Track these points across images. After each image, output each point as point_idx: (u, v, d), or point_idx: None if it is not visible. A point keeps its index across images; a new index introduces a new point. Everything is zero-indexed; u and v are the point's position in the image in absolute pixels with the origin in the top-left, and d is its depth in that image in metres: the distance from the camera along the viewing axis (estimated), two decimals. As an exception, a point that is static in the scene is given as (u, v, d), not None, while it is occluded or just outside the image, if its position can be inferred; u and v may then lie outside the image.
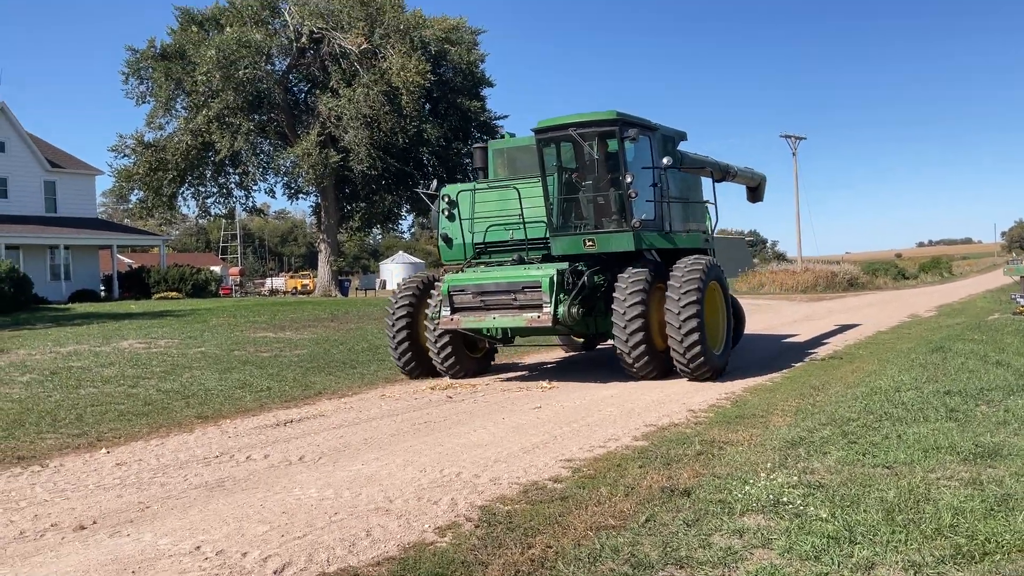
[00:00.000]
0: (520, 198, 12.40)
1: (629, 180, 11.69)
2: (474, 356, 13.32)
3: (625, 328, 11.51)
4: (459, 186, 13.62)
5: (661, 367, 11.88)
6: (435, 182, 13.95)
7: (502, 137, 15.37)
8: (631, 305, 11.48)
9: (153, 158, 39.01)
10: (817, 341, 17.45)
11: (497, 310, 11.73)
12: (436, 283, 12.99)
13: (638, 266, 11.97)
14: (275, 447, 8.17)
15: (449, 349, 12.72)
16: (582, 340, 15.92)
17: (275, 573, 4.71)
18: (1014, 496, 5.55)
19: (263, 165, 41.67)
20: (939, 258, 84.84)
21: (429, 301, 12.75)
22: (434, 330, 12.54)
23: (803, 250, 51.76)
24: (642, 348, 11.54)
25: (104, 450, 8.31)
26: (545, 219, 12.31)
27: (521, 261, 12.43)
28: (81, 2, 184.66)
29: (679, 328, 11.42)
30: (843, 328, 20.38)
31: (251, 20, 38.09)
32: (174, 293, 38.40)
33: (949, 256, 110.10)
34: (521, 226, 12.52)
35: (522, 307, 11.57)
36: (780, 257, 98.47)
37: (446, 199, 13.26)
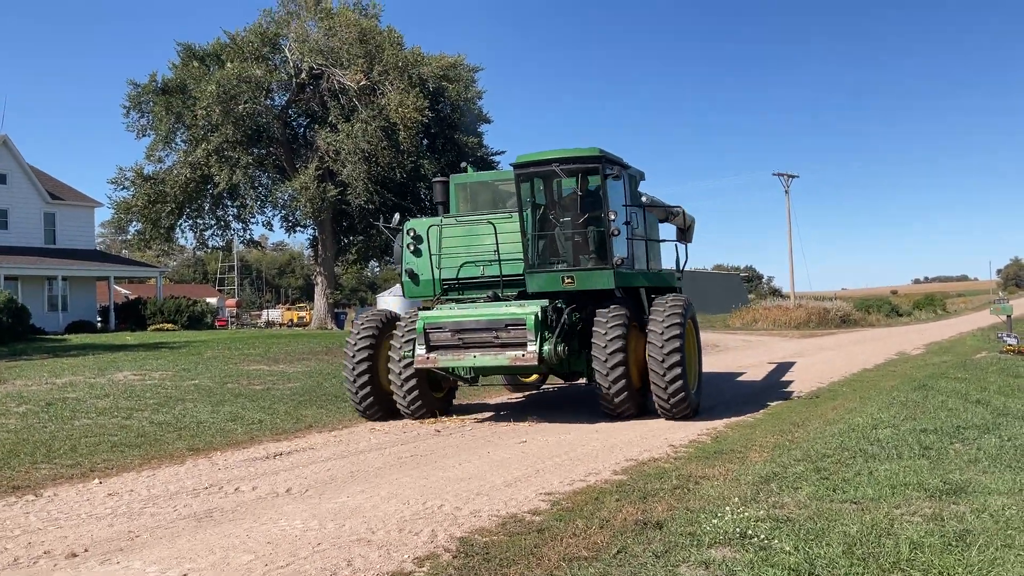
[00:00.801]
0: (496, 233, 12.25)
1: (612, 218, 11.74)
2: (437, 396, 12.88)
3: (607, 365, 11.39)
4: (425, 220, 13.30)
5: (637, 405, 11.90)
6: (396, 215, 13.52)
7: (464, 171, 15.36)
8: (613, 343, 11.39)
9: (152, 190, 39.37)
10: (802, 378, 17.67)
11: (477, 348, 11.42)
12: (397, 321, 12.80)
13: (616, 304, 11.94)
14: (263, 479, 8.37)
15: (416, 390, 12.21)
16: (530, 379, 15.84)
17: (258, 600, 4.91)
18: (972, 531, 5.77)
19: (261, 198, 42.06)
20: (933, 295, 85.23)
21: (392, 342, 12.35)
22: (401, 370, 12.13)
23: (799, 286, 52.16)
24: (623, 385, 11.46)
25: (97, 480, 8.50)
26: (520, 255, 12.21)
27: (496, 298, 12.26)
28: (85, 36, 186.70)
29: (663, 368, 11.37)
30: (830, 365, 20.61)
31: (252, 56, 38.67)
32: (170, 325, 38.59)
33: (945, 293, 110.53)
34: (495, 262, 12.36)
35: (504, 345, 11.32)
36: (776, 293, 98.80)
37: (411, 233, 12.96)
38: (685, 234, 17.00)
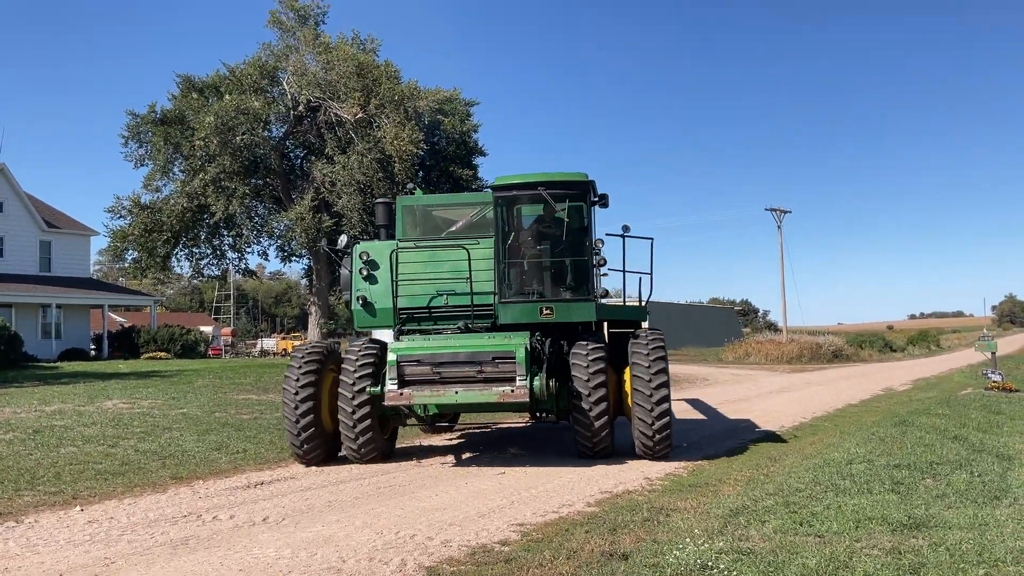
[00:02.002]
0: (470, 259, 11.45)
1: (599, 247, 11.49)
2: (384, 437, 11.67)
3: (590, 399, 10.78)
4: (379, 243, 12.37)
5: (613, 444, 11.38)
6: (343, 237, 12.58)
7: (411, 193, 14.53)
8: (595, 376, 10.83)
9: (149, 219, 39.62)
10: (787, 412, 17.81)
11: (459, 384, 10.43)
12: (342, 353, 11.83)
13: (593, 338, 11.35)
14: (242, 508, 8.48)
15: (371, 431, 11.06)
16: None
17: (225, 625, 5.03)
18: (926, 564, 5.92)
19: (257, 228, 42.34)
20: (927, 331, 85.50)
21: (343, 377, 11.10)
22: (355, 409, 10.93)
23: (793, 320, 52.38)
24: (605, 421, 10.92)
25: (78, 508, 8.60)
26: (490, 284, 11.59)
27: (468, 329, 11.52)
28: (84, 65, 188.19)
29: (650, 403, 10.77)
30: (815, 400, 20.75)
31: (250, 88, 39.11)
32: (163, 353, 38.67)
33: (939, 329, 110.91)
34: (461, 293, 11.64)
35: (488, 380, 10.41)
36: (771, 327, 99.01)
37: (364, 257, 12.09)
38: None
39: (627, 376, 11.30)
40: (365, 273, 12.07)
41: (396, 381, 10.53)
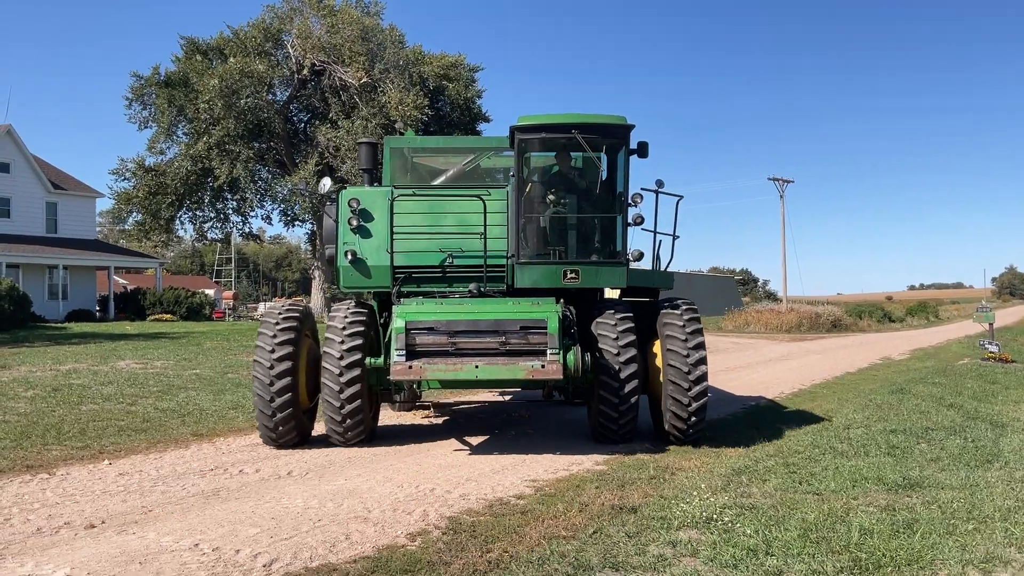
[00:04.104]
0: (485, 212, 9.93)
1: (637, 201, 10.00)
2: (370, 415, 9.98)
3: (620, 376, 9.34)
4: (372, 190, 10.58)
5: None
6: (326, 180, 11.04)
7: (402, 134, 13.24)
8: (626, 351, 9.43)
9: (153, 182, 39.85)
10: (786, 379, 18.18)
11: (479, 357, 8.94)
12: (313, 318, 10.51)
13: (618, 307, 9.94)
14: (265, 463, 8.85)
15: (361, 411, 9.47)
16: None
17: (264, 567, 5.40)
18: (919, 520, 6.29)
19: (261, 192, 42.53)
20: (927, 302, 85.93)
21: (326, 348, 9.51)
22: (342, 387, 9.31)
23: (793, 290, 52.69)
24: (635, 402, 9.56)
25: (107, 462, 8.97)
26: (504, 242, 10.14)
27: (482, 293, 9.99)
28: (90, 26, 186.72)
29: (687, 382, 9.43)
30: (814, 368, 21.13)
31: (254, 51, 39.11)
32: (168, 316, 39.04)
33: (939, 300, 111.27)
34: (474, 249, 10.08)
35: (514, 353, 8.96)
36: (771, 296, 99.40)
37: (353, 204, 10.19)
38: None
39: (656, 350, 10.03)
40: (355, 224, 10.22)
41: (404, 352, 8.96)
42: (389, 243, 10.09)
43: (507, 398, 10.03)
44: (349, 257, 10.18)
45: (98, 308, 41.98)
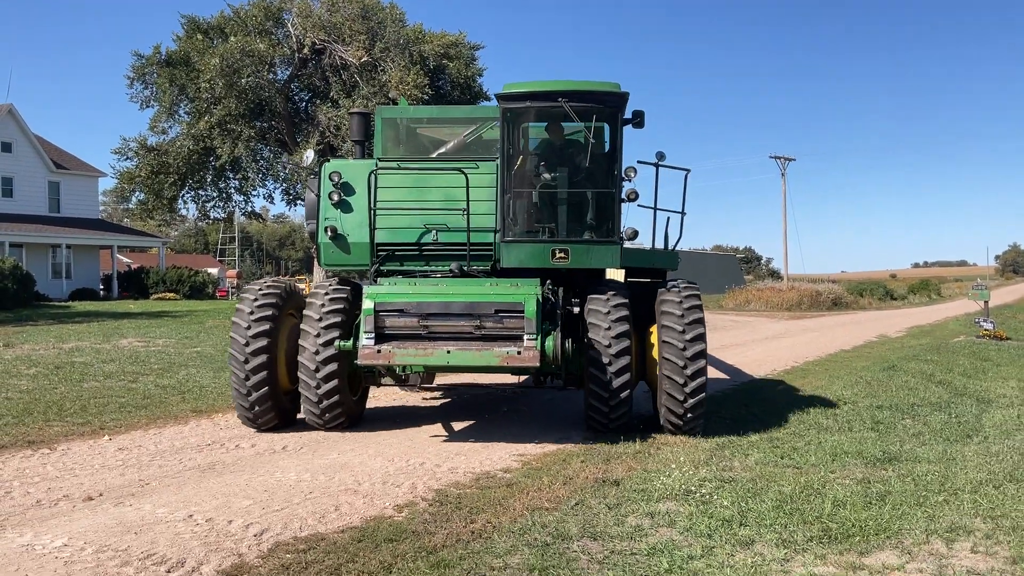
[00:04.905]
0: (468, 187, 9.32)
1: (630, 177, 9.32)
2: (353, 398, 9.65)
3: (612, 366, 8.67)
4: (353, 162, 10.22)
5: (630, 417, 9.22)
6: (309, 152, 10.75)
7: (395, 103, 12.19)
8: (619, 338, 8.74)
9: (155, 161, 39.91)
10: (780, 356, 18.35)
11: (451, 341, 8.46)
12: (296, 295, 9.92)
13: (613, 289, 9.28)
14: (261, 438, 9.06)
15: (338, 393, 9.07)
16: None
17: (255, 536, 5.61)
18: (892, 492, 6.48)
19: (263, 171, 42.62)
20: (929, 280, 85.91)
21: (304, 326, 9.10)
22: (319, 365, 8.91)
23: (797, 268, 52.77)
24: (627, 393, 8.83)
25: (107, 437, 9.18)
26: (490, 219, 9.52)
27: (463, 273, 9.48)
28: (90, 4, 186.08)
29: (683, 372, 8.65)
30: (809, 346, 21.30)
31: (255, 30, 39.03)
32: (172, 294, 39.31)
33: (941, 278, 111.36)
34: (460, 226, 9.49)
35: (488, 338, 8.46)
36: (774, 274, 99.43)
37: (335, 178, 9.76)
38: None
39: (654, 334, 9.34)
40: (336, 198, 9.81)
41: (373, 335, 8.51)
42: (370, 219, 9.58)
43: (520, 378, 9.91)
44: (329, 233, 9.75)
45: (101, 287, 42.25)
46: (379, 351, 8.40)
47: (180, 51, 39.67)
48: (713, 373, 15.60)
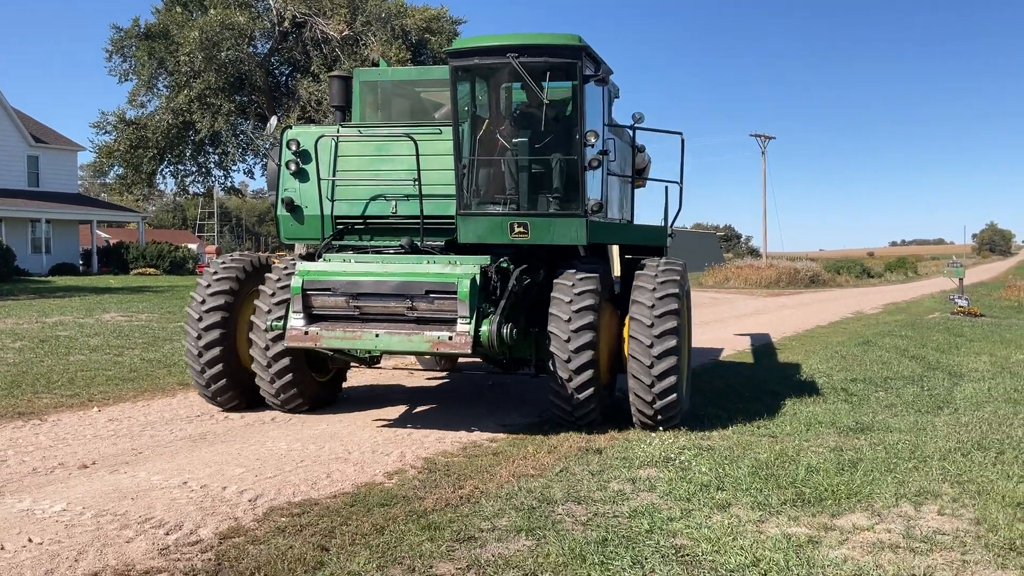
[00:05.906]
0: (417, 154, 8.45)
1: (591, 141, 8.04)
2: (320, 380, 9.22)
3: (569, 349, 7.75)
4: (314, 129, 9.44)
5: (602, 407, 8.26)
6: (273, 120, 10.28)
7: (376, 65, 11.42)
8: (580, 319, 7.80)
9: (134, 135, 39.63)
10: (757, 332, 18.65)
11: (381, 324, 7.79)
12: (266, 270, 9.30)
13: (583, 267, 8.29)
14: (250, 410, 9.20)
15: (290, 373, 8.58)
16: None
17: (250, 502, 5.78)
18: (863, 460, 6.75)
19: (242, 146, 42.43)
20: (905, 258, 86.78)
21: (258, 303, 8.65)
22: (268, 344, 8.48)
23: (776, 246, 53.23)
24: (588, 378, 7.81)
25: (96, 409, 9.28)
26: (451, 190, 8.47)
27: (414, 249, 8.57)
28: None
29: (650, 358, 7.75)
30: (786, 322, 21.62)
31: (235, 3, 38.71)
32: (152, 270, 39.18)
33: (918, 256, 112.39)
34: (414, 196, 8.61)
35: (421, 321, 7.75)
36: (754, 252, 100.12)
37: (293, 146, 9.03)
38: (641, 173, 10.84)
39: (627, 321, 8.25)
40: (294, 168, 9.11)
41: (302, 315, 7.92)
42: (326, 190, 8.94)
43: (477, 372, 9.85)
44: (286, 205, 9.12)
45: (81, 262, 42.00)
46: (306, 332, 7.81)
47: (159, 24, 39.29)
48: (695, 348, 15.87)
